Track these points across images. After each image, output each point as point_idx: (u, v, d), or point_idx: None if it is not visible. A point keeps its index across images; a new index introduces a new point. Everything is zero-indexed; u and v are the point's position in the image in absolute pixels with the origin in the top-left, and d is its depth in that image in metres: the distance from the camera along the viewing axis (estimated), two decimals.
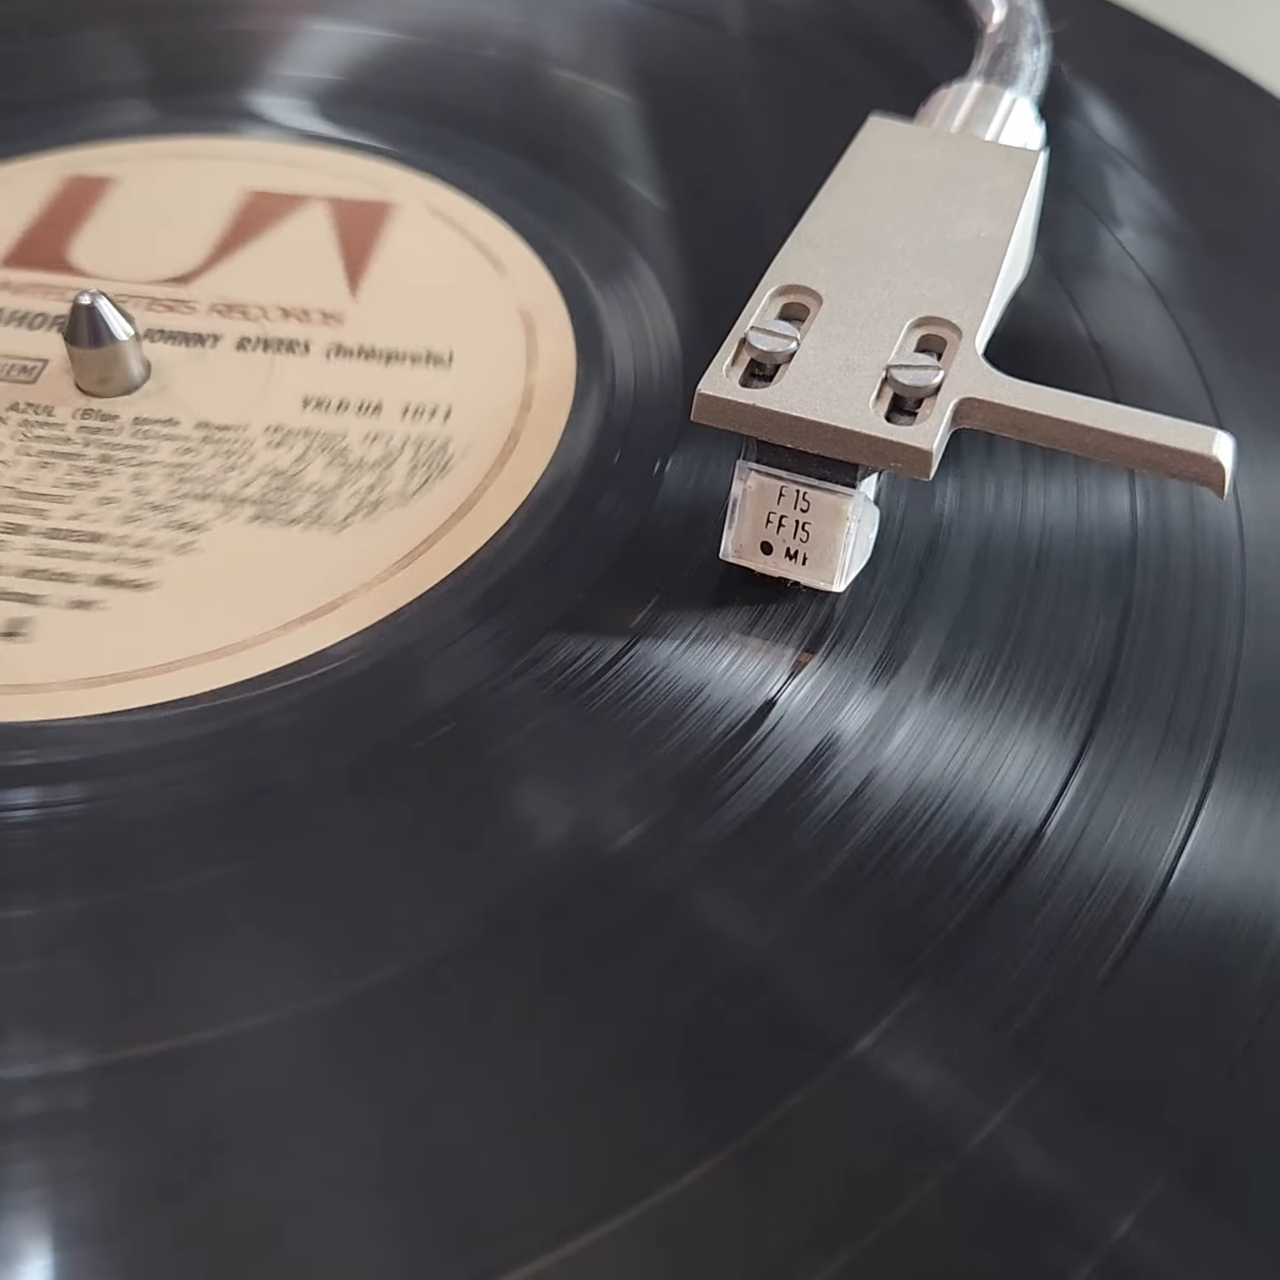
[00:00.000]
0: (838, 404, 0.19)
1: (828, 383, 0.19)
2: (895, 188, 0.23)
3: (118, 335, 0.23)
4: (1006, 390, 0.19)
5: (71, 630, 0.20)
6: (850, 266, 0.21)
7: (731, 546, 0.20)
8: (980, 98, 0.26)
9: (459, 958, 0.17)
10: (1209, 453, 0.18)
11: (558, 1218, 0.15)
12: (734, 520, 0.20)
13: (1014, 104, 0.26)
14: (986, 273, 0.21)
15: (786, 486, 0.19)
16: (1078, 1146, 0.15)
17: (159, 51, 0.32)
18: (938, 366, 0.20)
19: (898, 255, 0.21)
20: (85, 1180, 0.15)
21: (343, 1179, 0.15)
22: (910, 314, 0.20)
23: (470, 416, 0.23)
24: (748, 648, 0.20)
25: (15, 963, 0.17)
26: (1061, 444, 0.19)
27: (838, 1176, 0.15)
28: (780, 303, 0.21)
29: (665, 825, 0.18)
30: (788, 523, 0.20)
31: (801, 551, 0.20)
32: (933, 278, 0.21)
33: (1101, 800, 0.18)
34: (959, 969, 0.17)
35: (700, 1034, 0.16)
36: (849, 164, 0.23)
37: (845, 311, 0.20)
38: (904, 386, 0.19)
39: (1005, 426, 0.19)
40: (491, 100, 0.31)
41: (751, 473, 0.20)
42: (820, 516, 0.19)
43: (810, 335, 0.20)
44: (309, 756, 0.19)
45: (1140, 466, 0.19)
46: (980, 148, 0.24)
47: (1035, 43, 0.28)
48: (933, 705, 0.19)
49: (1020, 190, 0.23)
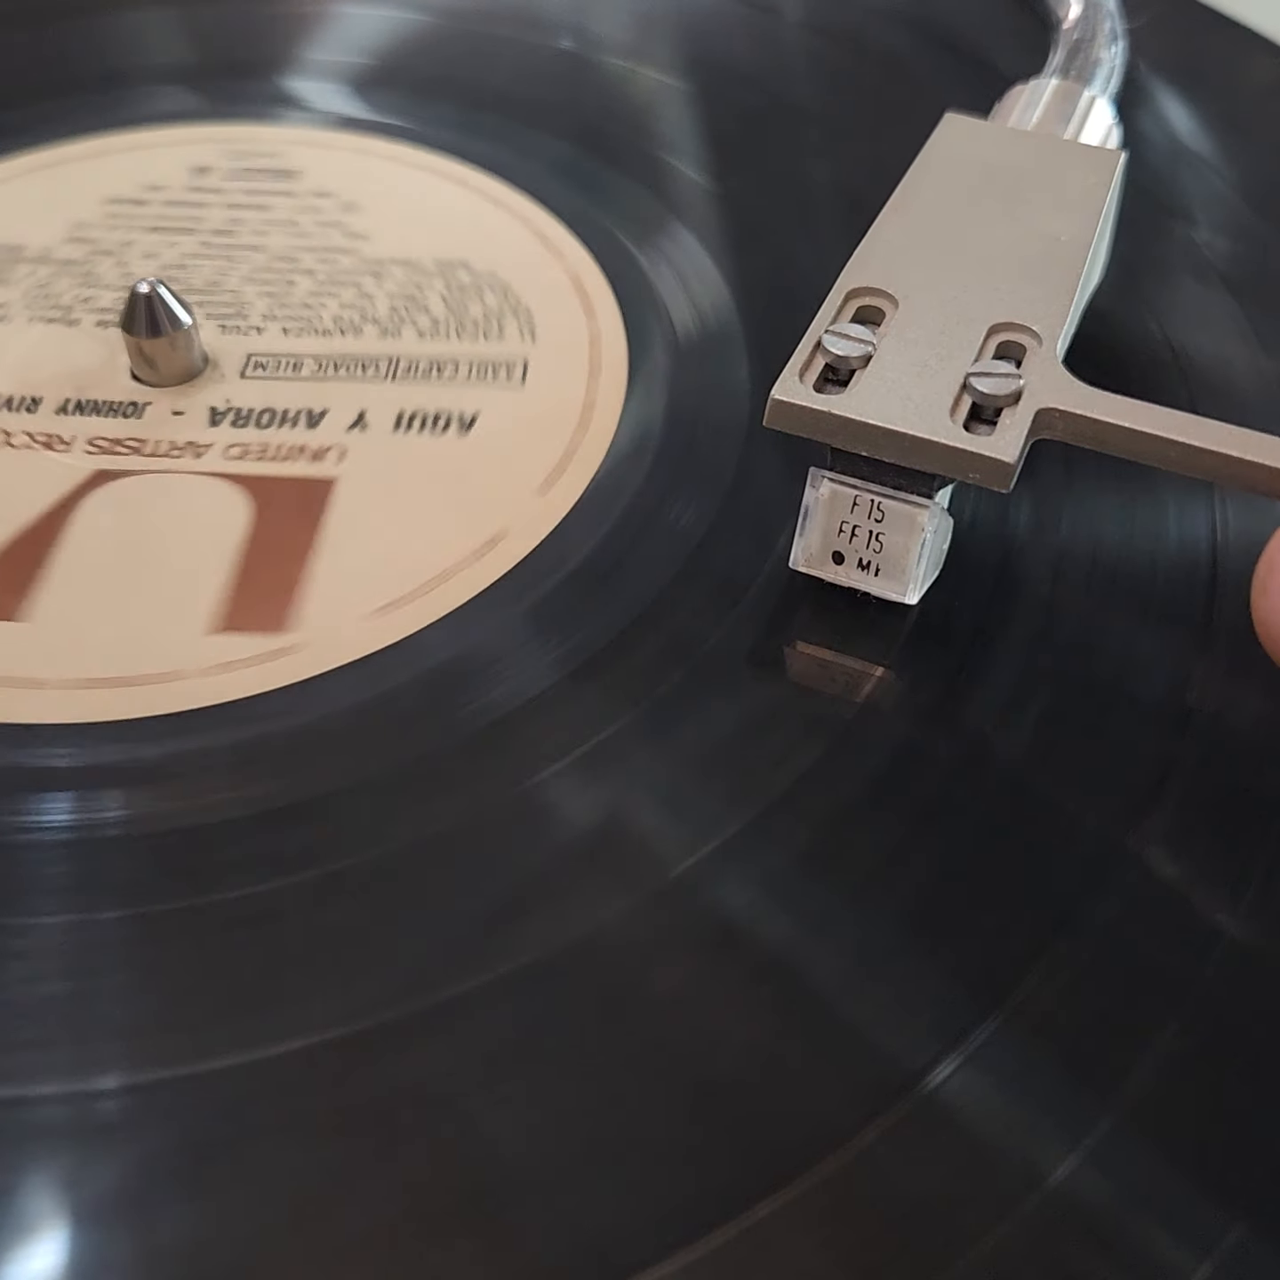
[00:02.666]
0: (915, 412, 0.19)
1: (905, 389, 0.19)
2: (973, 188, 0.22)
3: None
4: (1089, 400, 0.19)
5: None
6: (927, 269, 0.21)
7: (802, 555, 0.20)
8: (1058, 95, 0.25)
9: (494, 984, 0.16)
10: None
11: (614, 1255, 0.14)
12: (805, 529, 0.19)
13: (1092, 102, 0.25)
14: (1067, 278, 0.21)
15: (861, 495, 0.19)
16: (1158, 1188, 0.15)
17: (196, 35, 0.32)
18: (1017, 375, 0.19)
19: (976, 258, 0.21)
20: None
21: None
22: (989, 319, 0.20)
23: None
24: (822, 665, 0.19)
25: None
26: (1144, 457, 0.19)
27: (910, 1211, 0.15)
28: (855, 306, 0.20)
29: (727, 847, 0.17)
30: (860, 532, 0.19)
31: (874, 562, 0.19)
32: (1012, 282, 0.20)
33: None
34: (1036, 1000, 0.16)
35: (765, 1067, 0.16)
36: (925, 162, 0.23)
37: (922, 316, 0.20)
38: (983, 395, 0.19)
39: (1086, 438, 0.19)
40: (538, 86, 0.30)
41: (825, 480, 0.19)
42: (895, 527, 0.19)
43: (886, 340, 0.20)
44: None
45: (1224, 481, 0.18)
46: (1060, 147, 0.24)
47: (1113, 39, 0.27)
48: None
49: (1102, 191, 0.22)
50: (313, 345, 0.24)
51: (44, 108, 0.30)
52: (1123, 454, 0.19)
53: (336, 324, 0.25)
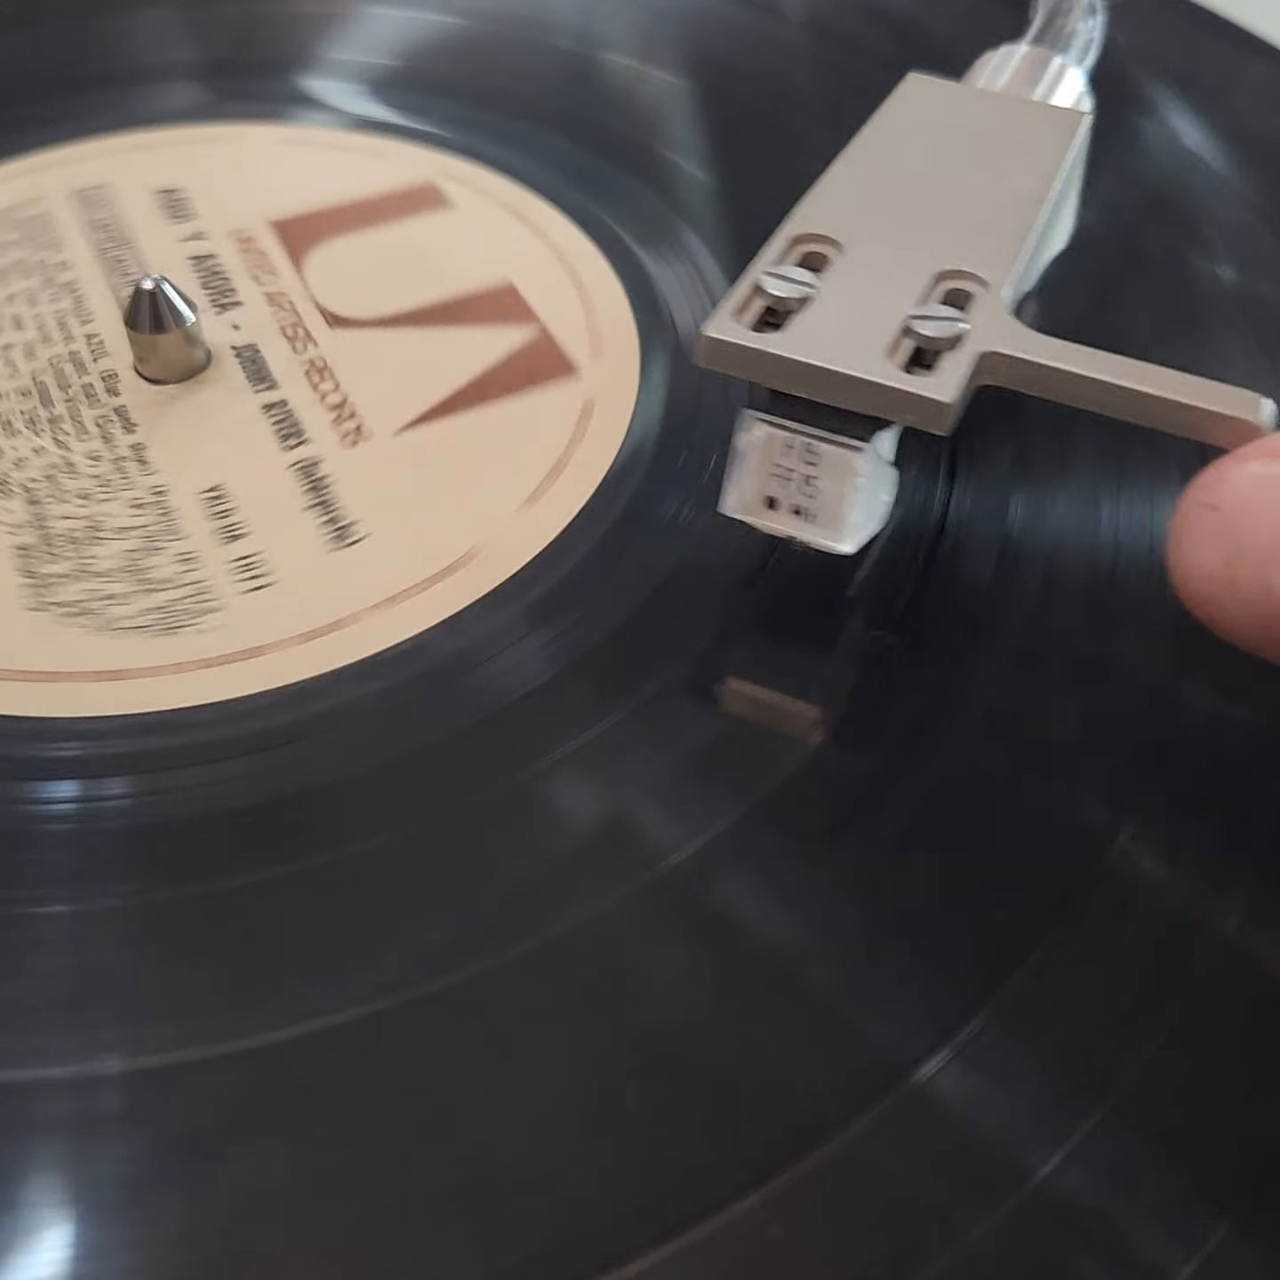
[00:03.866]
0: (851, 352, 0.18)
1: (843, 330, 0.18)
2: (930, 142, 0.22)
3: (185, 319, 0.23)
4: (1032, 345, 0.18)
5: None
6: (876, 217, 0.20)
7: (733, 501, 0.19)
8: (1028, 60, 0.25)
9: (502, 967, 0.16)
10: (1254, 419, 0.17)
11: (602, 1245, 0.14)
12: (737, 473, 0.19)
13: (1063, 69, 0.25)
14: (1020, 228, 0.20)
15: (794, 438, 0.18)
16: (1145, 1184, 0.14)
17: (211, 33, 0.32)
18: (961, 319, 0.18)
19: (927, 207, 0.20)
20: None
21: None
22: (936, 265, 0.19)
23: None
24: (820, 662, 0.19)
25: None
26: (1089, 403, 0.18)
27: (894, 1207, 0.14)
28: (800, 251, 0.20)
29: (723, 841, 0.17)
30: (795, 477, 0.19)
31: (808, 508, 0.19)
32: (962, 231, 0.20)
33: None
34: (1027, 998, 0.16)
35: (754, 1059, 0.15)
36: (883, 117, 0.22)
37: (867, 261, 0.19)
38: (925, 338, 0.18)
39: (1030, 383, 0.18)
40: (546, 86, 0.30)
41: (757, 422, 0.19)
42: (829, 471, 0.18)
43: (828, 283, 0.19)
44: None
45: (1174, 429, 0.18)
46: (1023, 107, 0.23)
47: (1091, 11, 0.27)
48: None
49: (1062, 149, 0.22)
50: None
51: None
52: (1069, 400, 0.18)
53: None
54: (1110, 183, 0.26)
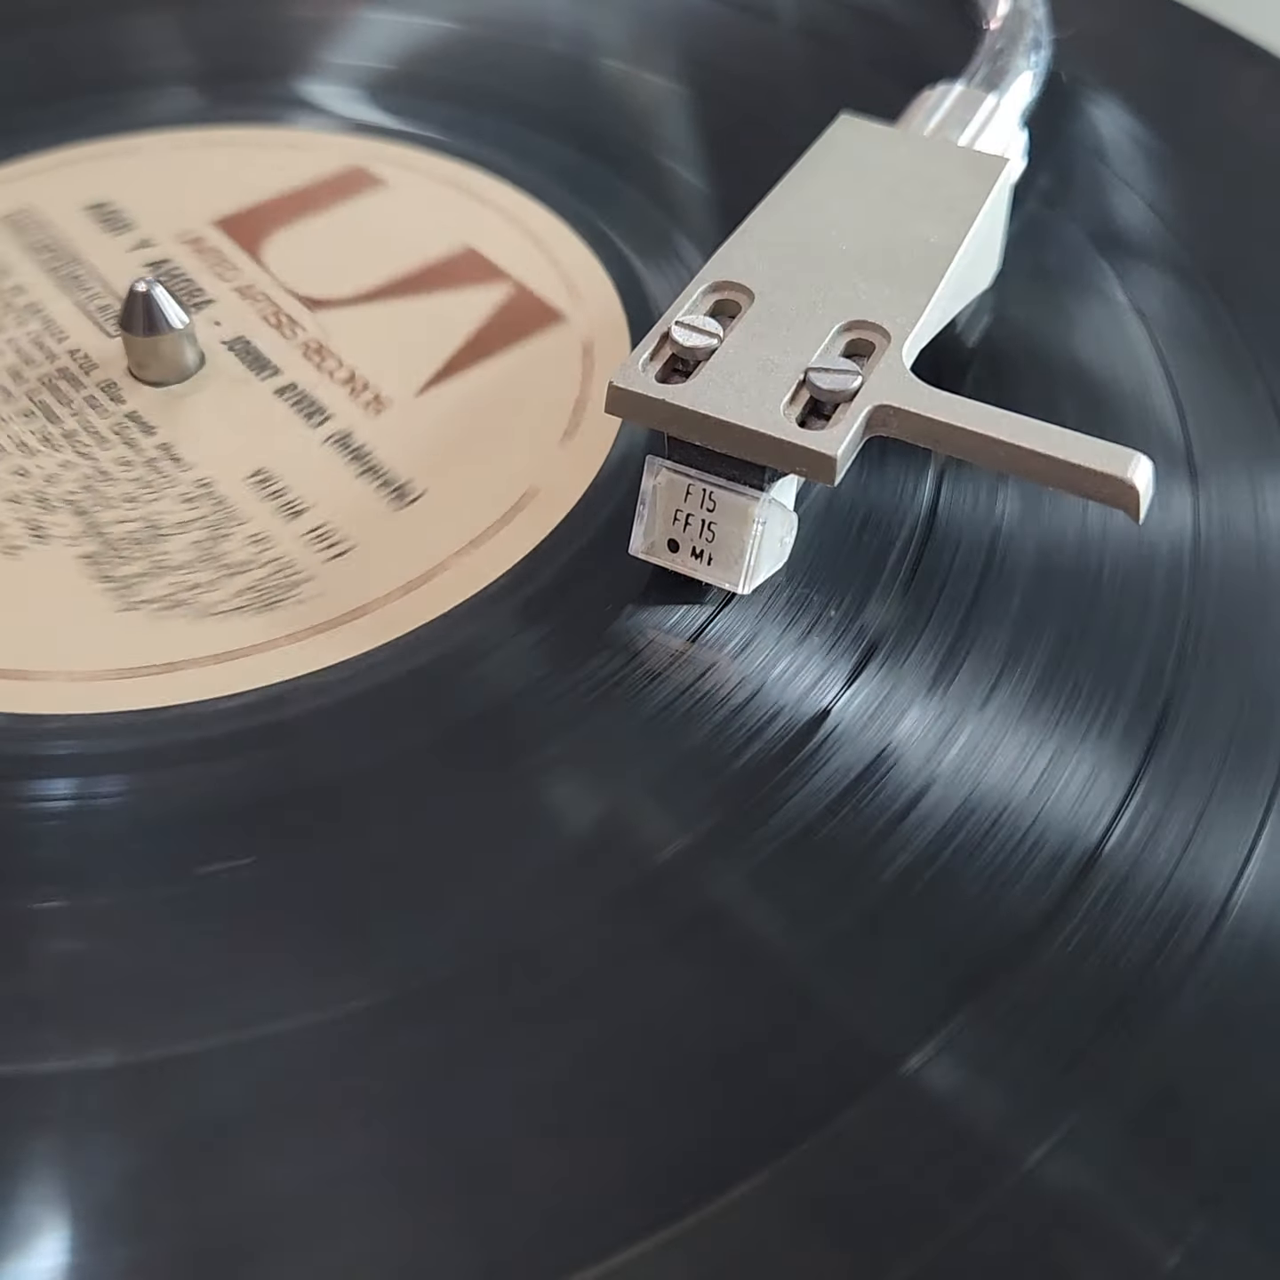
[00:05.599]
0: (749, 404, 0.19)
1: (743, 382, 0.19)
2: (851, 187, 0.22)
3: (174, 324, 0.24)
4: (923, 399, 0.19)
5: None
6: (787, 265, 0.21)
7: (641, 542, 0.20)
8: (960, 101, 0.25)
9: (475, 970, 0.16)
10: (1124, 475, 0.18)
11: (592, 1234, 0.14)
12: (644, 516, 0.20)
13: (996, 109, 0.25)
14: (928, 280, 0.21)
15: (694, 484, 0.19)
16: (1130, 1176, 0.15)
17: (207, 38, 0.33)
18: (857, 372, 0.19)
19: (839, 256, 0.21)
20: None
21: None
22: (841, 317, 0.20)
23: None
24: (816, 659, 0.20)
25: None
26: (976, 457, 0.19)
27: (884, 1197, 0.15)
28: (713, 299, 0.21)
29: (714, 836, 0.18)
30: (694, 521, 0.19)
31: (707, 551, 0.19)
32: (871, 281, 0.21)
33: (1161, 820, 0.18)
34: (1012, 987, 0.16)
35: (745, 1051, 0.16)
36: (809, 162, 0.23)
37: (774, 311, 0.20)
38: (821, 390, 0.19)
39: (920, 436, 0.19)
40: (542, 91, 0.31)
41: (662, 469, 0.19)
42: (727, 517, 0.19)
43: (734, 333, 0.20)
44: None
45: (1057, 485, 0.18)
46: (946, 151, 0.24)
47: (1035, 47, 0.27)
48: (989, 718, 0.19)
49: (980, 198, 0.22)
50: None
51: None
52: (957, 454, 0.19)
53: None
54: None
